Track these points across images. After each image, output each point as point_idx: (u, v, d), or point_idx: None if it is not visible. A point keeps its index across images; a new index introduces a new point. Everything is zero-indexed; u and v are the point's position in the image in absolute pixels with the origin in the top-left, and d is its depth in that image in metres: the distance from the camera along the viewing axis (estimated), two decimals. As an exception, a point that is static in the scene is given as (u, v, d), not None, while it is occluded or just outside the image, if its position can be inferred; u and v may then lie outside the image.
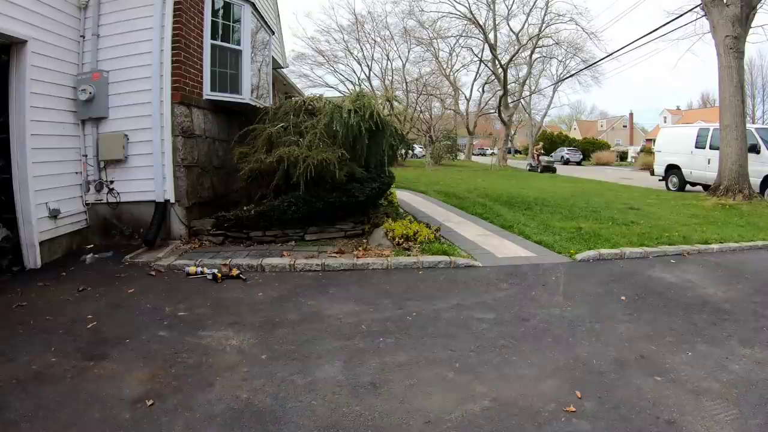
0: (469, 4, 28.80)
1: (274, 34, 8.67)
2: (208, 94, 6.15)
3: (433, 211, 8.57)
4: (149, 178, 5.50)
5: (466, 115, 39.22)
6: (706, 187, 12.57)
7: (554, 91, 40.83)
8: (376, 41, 32.22)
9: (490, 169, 24.92)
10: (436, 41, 31.82)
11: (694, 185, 13.76)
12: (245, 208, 5.60)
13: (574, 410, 2.35)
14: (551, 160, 27.80)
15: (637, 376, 2.71)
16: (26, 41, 4.56)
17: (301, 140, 5.64)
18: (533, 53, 31.76)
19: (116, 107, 5.50)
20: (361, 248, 5.30)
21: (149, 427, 2.21)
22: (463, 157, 39.62)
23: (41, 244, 4.79)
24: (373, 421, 2.27)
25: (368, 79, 33.29)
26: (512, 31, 30.97)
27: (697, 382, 2.65)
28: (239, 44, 6.57)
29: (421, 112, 33.65)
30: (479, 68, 34.89)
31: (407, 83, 32.34)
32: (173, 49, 5.45)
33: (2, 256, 4.50)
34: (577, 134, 56.64)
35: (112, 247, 5.41)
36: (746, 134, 10.64)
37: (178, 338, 3.16)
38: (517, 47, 30.07)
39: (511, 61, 30.03)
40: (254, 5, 6.84)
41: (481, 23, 28.85)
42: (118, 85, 5.48)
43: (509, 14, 29.73)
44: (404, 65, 33.15)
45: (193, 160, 5.85)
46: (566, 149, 39.18)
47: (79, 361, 2.83)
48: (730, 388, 2.58)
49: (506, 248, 5.70)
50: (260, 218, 5.50)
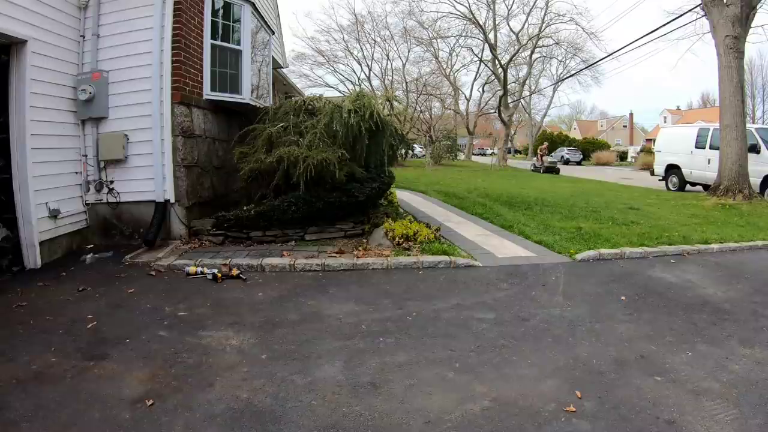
0: (469, 4, 28.86)
1: (274, 34, 8.67)
2: (208, 94, 6.16)
3: (433, 211, 8.57)
4: (149, 178, 5.51)
5: (466, 115, 39.22)
6: (706, 187, 12.57)
7: (554, 91, 41.06)
8: (376, 41, 32.27)
9: (490, 169, 24.91)
10: (436, 41, 31.88)
11: (694, 185, 13.76)
12: (245, 208, 5.60)
13: (574, 410, 2.35)
14: (554, 161, 27.15)
15: (637, 376, 2.71)
16: (26, 41, 4.56)
17: (301, 140, 5.64)
18: (533, 53, 31.84)
19: (116, 107, 5.50)
20: (361, 248, 5.30)
21: (149, 427, 2.21)
22: (463, 157, 39.62)
23: (41, 244, 4.79)
24: (373, 421, 2.28)
25: (368, 79, 33.34)
26: (512, 31, 31.07)
27: (697, 382, 2.65)
28: (239, 44, 6.57)
29: (421, 112, 33.64)
30: (479, 68, 34.96)
31: (407, 83, 32.36)
32: (173, 49, 5.45)
33: (2, 256, 4.51)
34: (577, 134, 56.63)
35: (112, 247, 5.41)
36: (746, 134, 10.64)
37: (178, 338, 3.16)
38: (517, 47, 30.09)
39: (511, 61, 30.04)
40: (254, 5, 6.85)
41: (481, 23, 28.87)
42: (118, 85, 5.48)
43: (509, 14, 29.81)
44: (404, 65, 33.22)
45: (193, 160, 5.85)
46: (566, 149, 39.21)
47: (79, 361, 2.83)
48: (730, 388, 2.58)
49: (506, 248, 5.70)
50: (260, 218, 5.50)
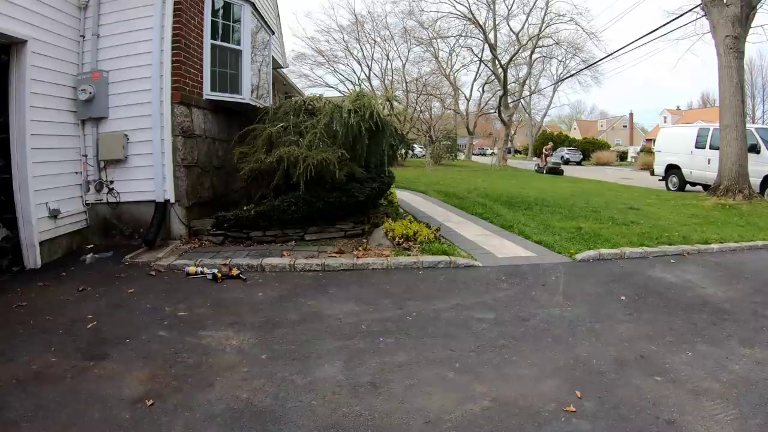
0: (469, 4, 28.87)
1: (274, 34, 8.67)
2: (208, 94, 6.15)
3: (433, 211, 8.57)
4: (149, 178, 5.51)
5: (466, 115, 39.23)
6: (706, 187, 12.56)
7: (554, 91, 41.07)
8: (376, 41, 32.28)
9: (490, 169, 24.90)
10: (436, 41, 31.88)
11: (694, 185, 13.75)
12: (245, 208, 5.60)
13: (574, 410, 2.35)
14: (558, 162, 26.23)
15: (637, 376, 2.71)
16: (26, 41, 4.56)
17: (301, 140, 5.64)
18: (533, 53, 31.84)
19: (116, 107, 5.50)
20: (361, 248, 5.30)
21: (149, 427, 2.21)
22: (463, 157, 39.62)
23: (41, 244, 4.79)
24: (373, 421, 2.28)
25: (368, 79, 33.34)
26: (512, 31, 31.08)
27: (697, 382, 2.65)
28: (239, 44, 6.57)
29: (421, 112, 33.63)
30: (479, 68, 34.96)
31: (407, 83, 32.36)
32: (173, 49, 5.45)
33: (2, 256, 4.50)
34: (577, 134, 56.63)
35: (112, 247, 5.41)
36: (746, 134, 10.63)
37: (178, 338, 3.16)
38: (517, 47, 30.10)
39: (511, 61, 30.04)
40: (254, 5, 6.84)
41: (481, 23, 28.87)
42: (118, 85, 5.48)
43: (509, 14, 29.82)
44: (404, 65, 33.22)
45: (193, 160, 5.85)
46: (566, 149, 39.16)
47: (79, 361, 2.83)
48: (730, 388, 2.58)
49: (506, 248, 5.70)
50: (260, 218, 5.50)
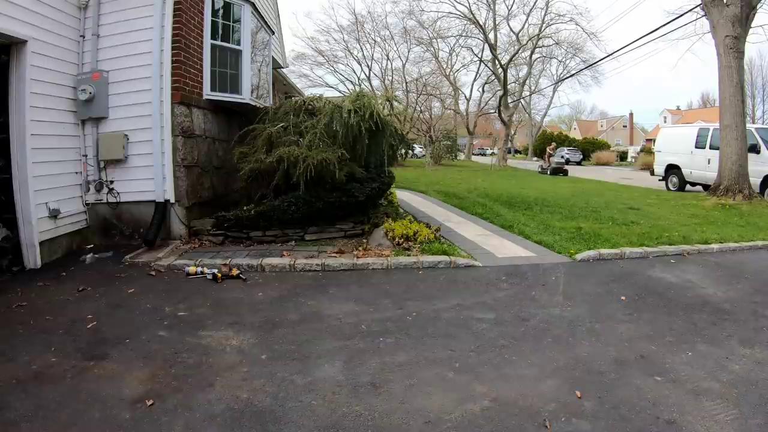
0: (469, 4, 28.88)
1: (274, 34, 8.67)
2: (208, 94, 6.15)
3: (433, 211, 8.57)
4: (149, 178, 5.51)
5: (466, 115, 39.24)
6: (706, 187, 12.56)
7: (554, 91, 41.08)
8: (376, 41, 32.31)
9: (490, 169, 24.90)
10: (436, 41, 31.90)
11: (694, 185, 13.75)
12: (245, 208, 5.60)
13: (574, 410, 2.35)
14: (561, 162, 25.29)
15: (637, 376, 2.71)
16: (26, 41, 4.56)
17: (301, 140, 5.64)
18: (533, 53, 31.84)
19: (116, 107, 5.50)
20: (361, 248, 5.30)
21: (149, 427, 2.21)
22: (463, 157, 39.63)
23: (41, 244, 4.79)
24: (373, 421, 2.28)
25: (368, 79, 33.36)
26: (512, 31, 31.10)
27: (697, 382, 2.65)
28: (239, 44, 6.57)
29: (421, 112, 33.65)
30: (479, 68, 34.98)
31: (407, 83, 32.38)
32: (173, 49, 5.45)
33: (2, 256, 4.50)
34: (577, 134, 56.63)
35: (112, 247, 5.41)
36: (746, 134, 10.63)
37: (178, 338, 3.16)
38: (517, 47, 30.11)
39: (511, 61, 30.05)
40: (254, 5, 6.84)
41: (481, 23, 28.88)
42: (118, 85, 5.48)
43: (509, 14, 29.83)
44: (404, 65, 33.24)
45: (193, 160, 5.85)
46: (566, 149, 39.10)
47: (79, 361, 2.83)
48: (730, 388, 2.58)
49: (506, 248, 5.70)
50: (260, 218, 5.50)
